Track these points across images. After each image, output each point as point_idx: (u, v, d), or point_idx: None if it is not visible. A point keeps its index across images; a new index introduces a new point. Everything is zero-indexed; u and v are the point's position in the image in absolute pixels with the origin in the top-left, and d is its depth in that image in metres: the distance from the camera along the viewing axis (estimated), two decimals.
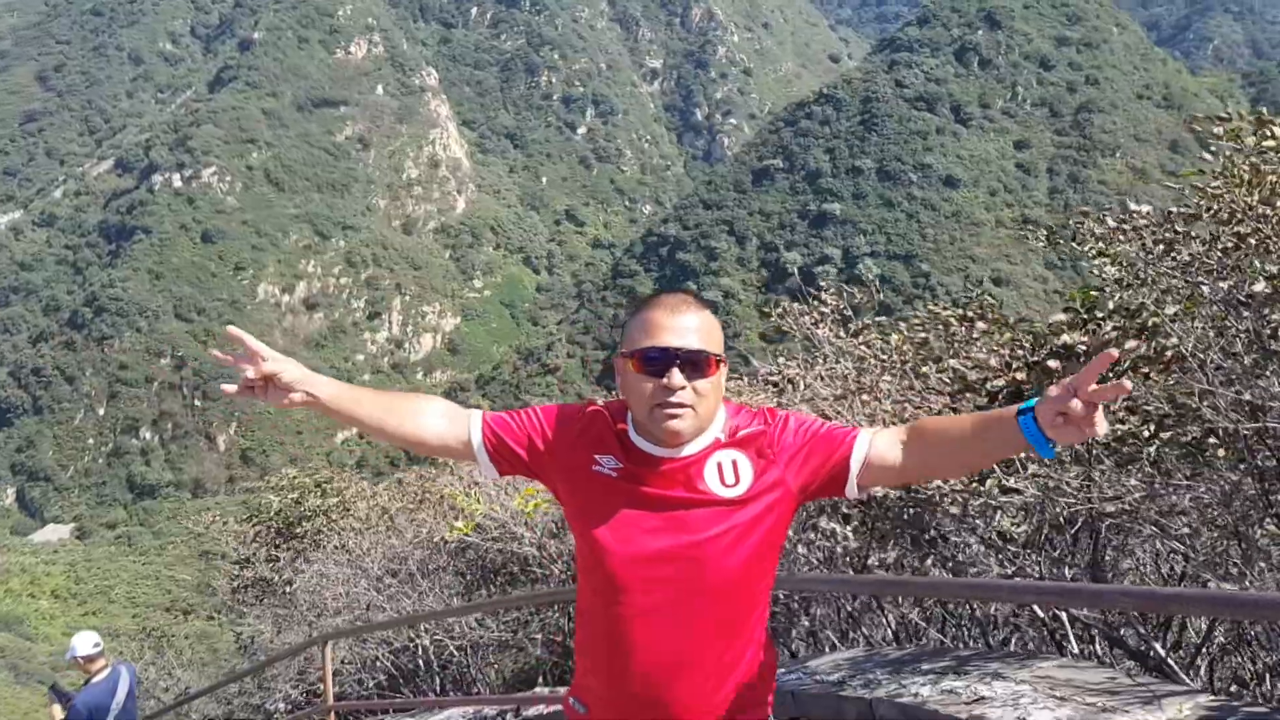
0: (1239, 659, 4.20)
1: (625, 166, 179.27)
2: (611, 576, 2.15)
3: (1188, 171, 4.08)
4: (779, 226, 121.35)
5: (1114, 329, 4.04)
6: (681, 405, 2.08)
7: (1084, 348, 4.02)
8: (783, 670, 4.37)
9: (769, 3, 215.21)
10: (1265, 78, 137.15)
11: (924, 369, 4.91)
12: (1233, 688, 4.08)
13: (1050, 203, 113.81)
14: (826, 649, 5.46)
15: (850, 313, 5.75)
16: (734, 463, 2.14)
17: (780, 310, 5.72)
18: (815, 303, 5.73)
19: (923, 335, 5.07)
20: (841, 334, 5.63)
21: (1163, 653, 3.99)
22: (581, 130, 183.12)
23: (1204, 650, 4.15)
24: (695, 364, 2.09)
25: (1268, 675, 3.94)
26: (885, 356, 5.19)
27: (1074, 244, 4.22)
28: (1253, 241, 3.65)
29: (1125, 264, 4.10)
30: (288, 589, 12.60)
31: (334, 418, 2.31)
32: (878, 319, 5.63)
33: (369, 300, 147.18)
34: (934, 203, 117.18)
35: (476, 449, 2.28)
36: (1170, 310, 3.79)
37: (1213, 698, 3.35)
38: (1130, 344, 3.81)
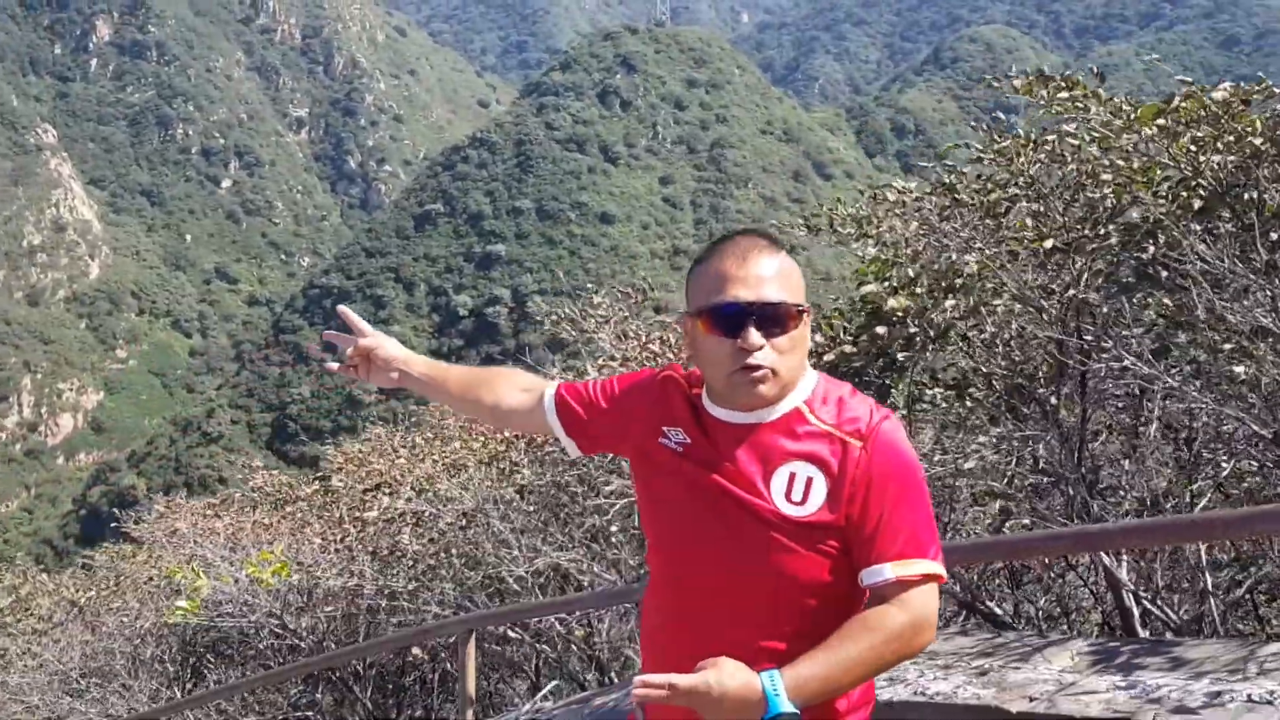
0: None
1: (277, 219, 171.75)
2: (665, 565, 1.97)
3: (947, 148, 4.88)
4: (446, 270, 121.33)
5: (928, 290, 4.38)
6: (761, 367, 1.83)
7: (906, 311, 4.38)
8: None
9: (412, 50, 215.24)
10: (864, 110, 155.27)
11: None
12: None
13: (697, 232, 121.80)
14: None
15: (626, 315, 5.86)
16: (808, 480, 1.85)
17: (555, 318, 5.89)
18: (589, 309, 5.87)
19: None
20: (626, 336, 5.71)
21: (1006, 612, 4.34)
22: (226, 183, 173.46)
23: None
24: (774, 318, 1.83)
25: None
26: (675, 356, 5.29)
27: (835, 229, 4.79)
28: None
29: (891, 241, 4.60)
30: None
31: (426, 395, 2.31)
32: (658, 319, 5.77)
33: None
34: (593, 239, 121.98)
35: (550, 420, 2.14)
36: (972, 264, 4.17)
37: (1089, 641, 3.52)
38: (949, 302, 4.21)
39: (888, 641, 1.75)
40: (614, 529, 5.75)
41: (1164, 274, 4.04)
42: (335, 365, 2.29)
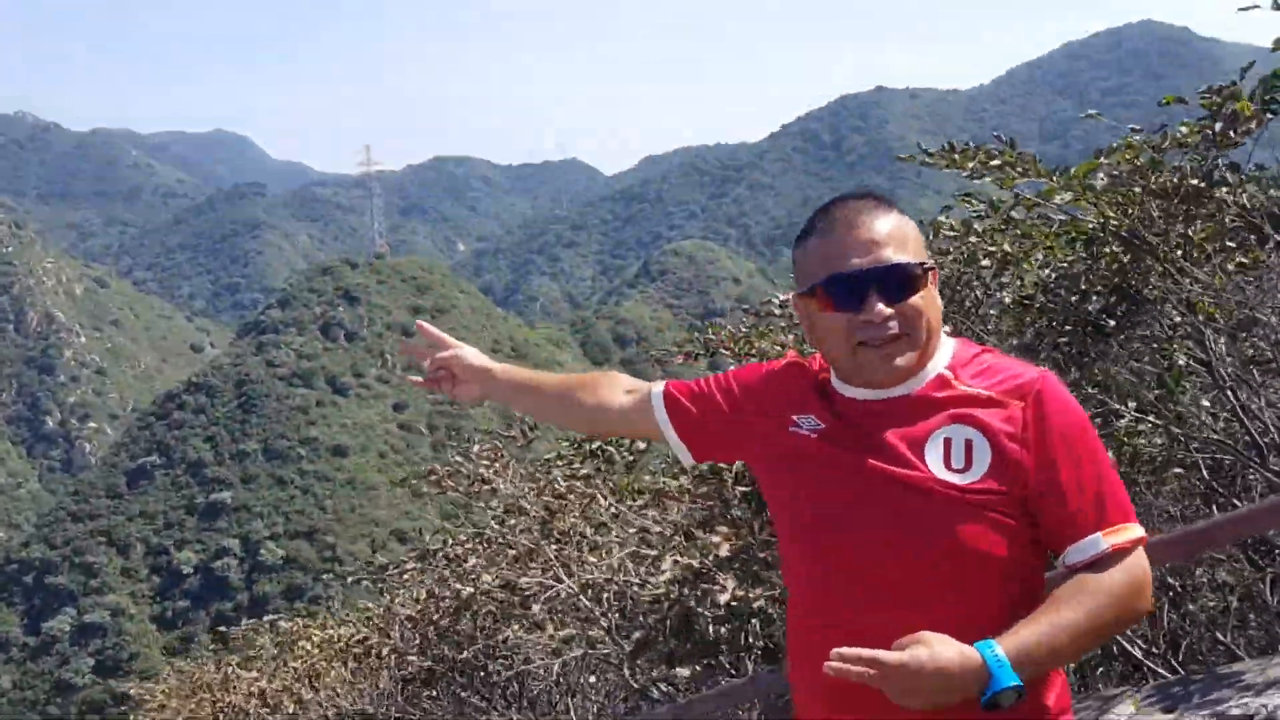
0: None
1: None
2: (811, 559, 1.76)
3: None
4: (166, 526, 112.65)
5: None
6: (896, 336, 1.67)
7: None
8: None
9: (115, 301, 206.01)
10: (586, 323, 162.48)
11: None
12: None
13: (436, 455, 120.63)
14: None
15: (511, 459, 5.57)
16: (967, 443, 1.66)
17: (435, 478, 5.57)
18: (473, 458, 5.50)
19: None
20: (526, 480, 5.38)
21: None
22: None
23: None
24: (897, 283, 1.67)
25: None
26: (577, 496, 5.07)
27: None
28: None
29: None
30: None
31: (514, 405, 2.18)
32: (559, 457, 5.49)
33: None
34: (327, 474, 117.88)
35: (660, 419, 1.98)
36: None
37: (1145, 688, 3.26)
38: None
39: (1109, 605, 1.57)
40: None
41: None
42: (419, 380, 2.21)
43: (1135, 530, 1.64)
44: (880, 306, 1.66)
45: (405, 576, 5.77)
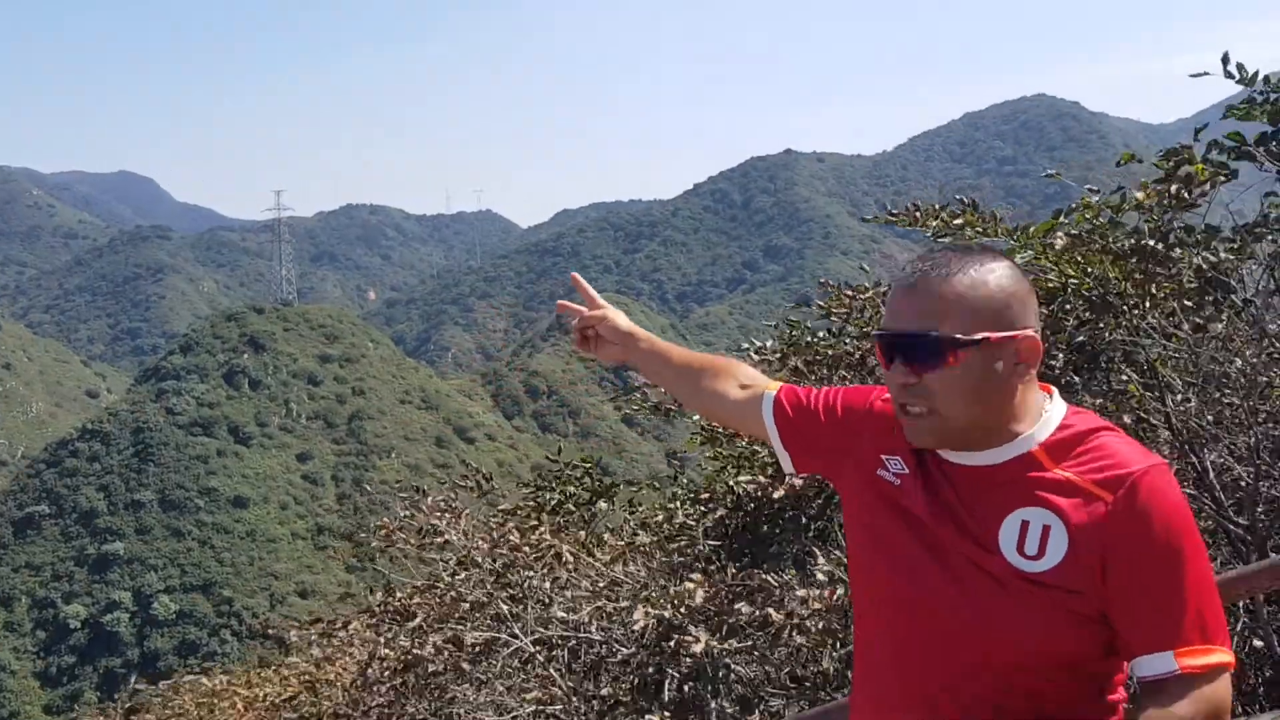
0: None
1: None
2: (871, 601, 1.71)
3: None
4: (54, 578, 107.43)
5: None
6: (907, 406, 1.59)
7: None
8: None
9: (8, 344, 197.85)
10: (499, 375, 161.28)
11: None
12: None
13: (340, 508, 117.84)
14: None
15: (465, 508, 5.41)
16: (1044, 529, 1.53)
17: (385, 532, 5.35)
18: (426, 509, 5.36)
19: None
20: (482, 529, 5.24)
21: None
22: None
23: None
24: (916, 350, 1.55)
25: None
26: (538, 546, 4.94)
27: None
28: None
29: None
30: None
31: (646, 373, 2.16)
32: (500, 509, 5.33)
33: None
34: (226, 525, 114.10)
35: (767, 424, 1.91)
36: None
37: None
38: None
39: None
40: None
41: None
42: (576, 341, 2.20)
43: (1217, 655, 1.48)
44: (898, 376, 1.59)
45: (350, 630, 5.53)
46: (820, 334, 5.00)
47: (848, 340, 4.88)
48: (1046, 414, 1.61)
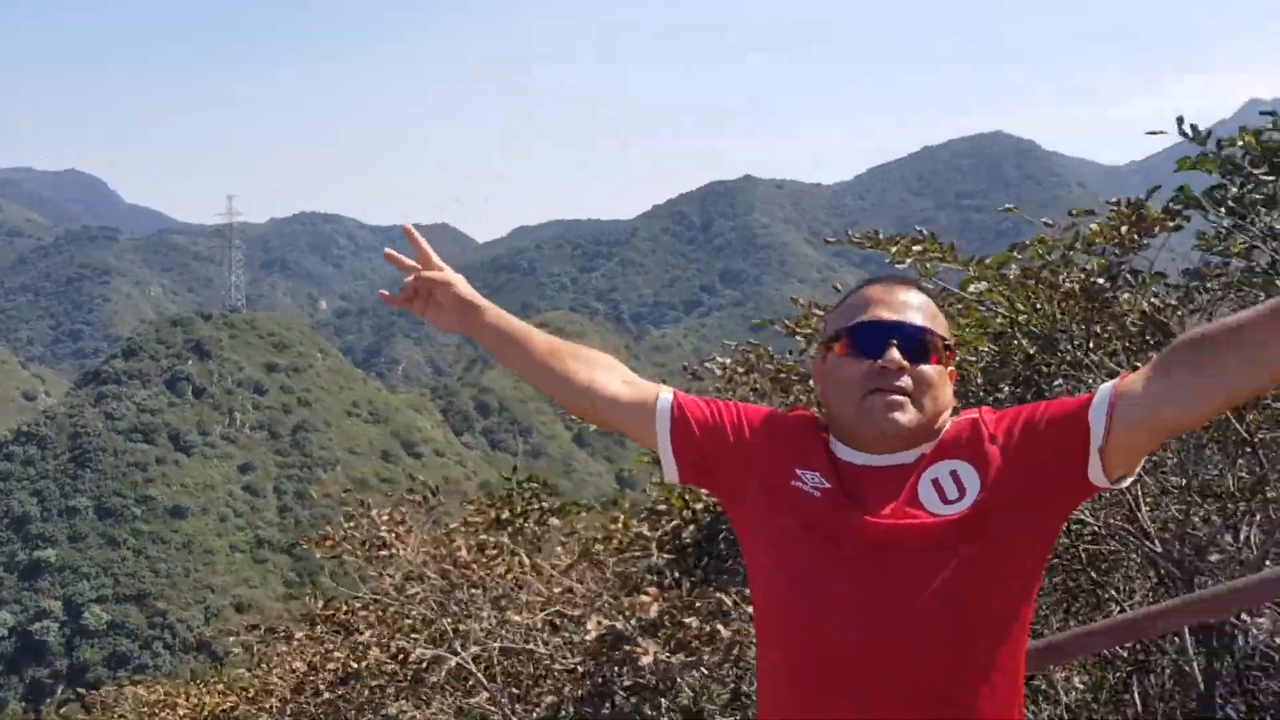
0: None
1: None
2: (793, 626, 1.67)
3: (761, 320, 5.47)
4: None
5: None
6: (902, 391, 1.65)
7: None
8: None
9: None
10: (450, 390, 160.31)
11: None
12: None
13: (282, 521, 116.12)
14: None
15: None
16: (953, 473, 1.64)
17: (327, 540, 5.20)
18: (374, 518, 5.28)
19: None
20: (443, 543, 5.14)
21: None
22: None
23: None
24: (918, 345, 1.67)
25: None
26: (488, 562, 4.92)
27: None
28: None
29: None
30: None
31: (494, 351, 1.97)
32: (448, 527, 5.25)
33: None
34: (163, 535, 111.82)
35: (659, 429, 1.84)
36: None
37: None
38: None
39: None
40: None
41: None
42: (388, 295, 2.02)
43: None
44: (898, 356, 1.65)
45: (294, 644, 5.46)
46: (787, 353, 5.07)
47: (811, 360, 4.98)
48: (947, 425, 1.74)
